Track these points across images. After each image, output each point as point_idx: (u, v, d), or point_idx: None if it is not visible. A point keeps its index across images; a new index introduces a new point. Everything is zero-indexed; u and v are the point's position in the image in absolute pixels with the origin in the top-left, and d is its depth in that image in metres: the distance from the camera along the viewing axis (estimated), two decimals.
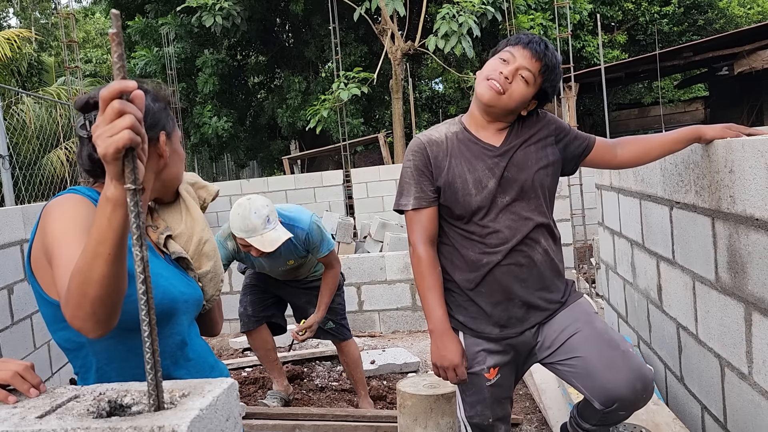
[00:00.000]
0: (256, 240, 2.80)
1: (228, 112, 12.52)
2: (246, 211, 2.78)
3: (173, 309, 1.20)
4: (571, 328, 1.89)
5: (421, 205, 1.88)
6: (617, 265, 3.50)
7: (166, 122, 1.25)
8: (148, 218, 1.34)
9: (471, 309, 1.92)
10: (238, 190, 9.87)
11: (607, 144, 2.02)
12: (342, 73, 9.31)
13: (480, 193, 1.85)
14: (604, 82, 5.17)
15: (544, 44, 1.83)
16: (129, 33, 12.22)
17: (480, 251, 1.87)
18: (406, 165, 1.91)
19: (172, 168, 1.28)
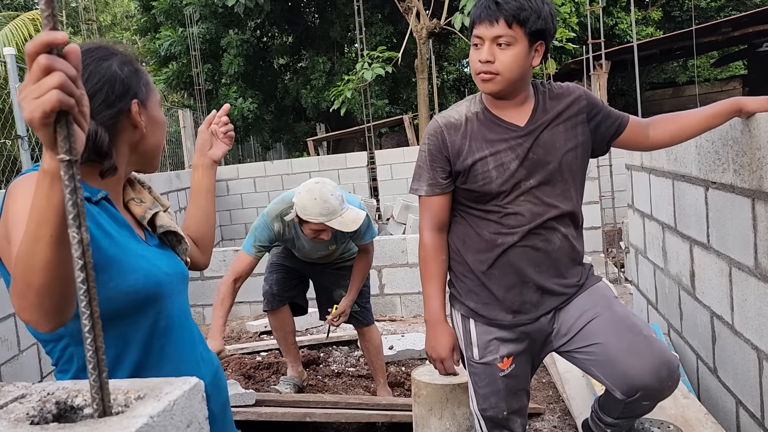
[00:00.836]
0: (336, 222, 2.71)
1: (253, 93, 12.46)
2: (324, 195, 2.69)
3: (158, 293, 1.10)
4: (589, 313, 1.77)
5: (434, 192, 1.79)
6: (647, 250, 3.33)
7: (139, 89, 1.15)
8: (130, 191, 1.24)
9: (482, 294, 1.81)
10: (261, 171, 9.82)
11: (640, 123, 1.86)
12: (366, 53, 9.14)
13: (501, 176, 1.72)
14: (637, 59, 4.93)
15: (494, 1, 1.66)
16: (154, 14, 12.21)
17: (495, 231, 1.76)
18: (422, 148, 1.81)
19: (150, 138, 1.17)
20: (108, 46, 1.16)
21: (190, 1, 11.24)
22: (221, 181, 9.81)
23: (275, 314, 3.31)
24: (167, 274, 1.13)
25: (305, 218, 2.74)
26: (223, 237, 9.86)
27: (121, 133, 1.13)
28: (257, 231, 2.93)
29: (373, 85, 11.88)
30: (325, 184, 2.77)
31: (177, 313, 1.16)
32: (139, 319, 1.09)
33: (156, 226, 1.22)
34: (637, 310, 3.68)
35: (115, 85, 1.10)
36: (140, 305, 1.07)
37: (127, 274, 1.05)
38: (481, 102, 1.80)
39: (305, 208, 2.72)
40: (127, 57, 1.16)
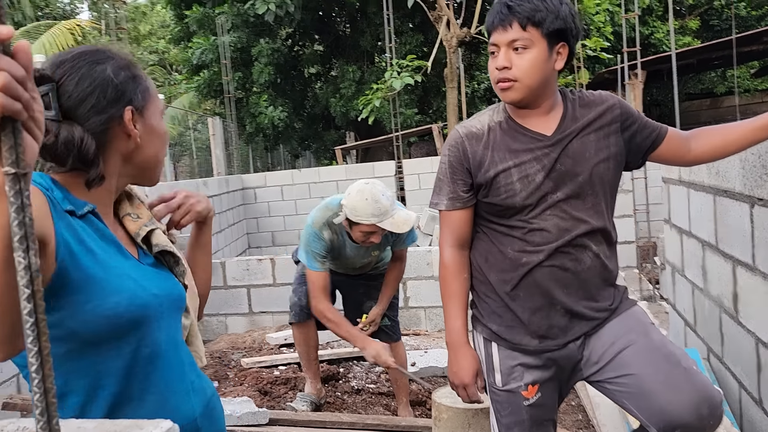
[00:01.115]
0: (388, 222, 2.64)
1: (283, 101, 12.49)
2: (375, 195, 2.64)
3: (143, 317, 1.01)
4: (623, 341, 1.63)
5: (455, 206, 1.69)
6: (685, 268, 3.16)
7: (134, 95, 1.06)
8: (127, 206, 1.16)
9: (506, 316, 1.68)
10: (289, 179, 9.81)
11: (680, 136, 1.72)
12: (395, 62, 9.06)
13: (526, 189, 1.60)
14: (675, 69, 4.75)
15: (505, 5, 1.56)
16: (187, 23, 12.34)
17: (519, 249, 1.64)
18: (442, 160, 1.72)
19: (147, 149, 1.09)
20: (105, 49, 1.08)
21: (222, 11, 11.33)
22: (249, 189, 9.83)
23: (301, 327, 3.22)
24: (156, 296, 1.04)
25: (356, 220, 2.67)
26: (249, 245, 9.86)
27: (112, 142, 1.04)
28: (311, 245, 2.86)
29: (402, 94, 11.80)
30: (375, 185, 2.71)
31: (165, 338, 1.06)
32: (121, 345, 0.99)
33: (152, 245, 1.14)
34: (673, 331, 3.50)
35: (107, 89, 1.02)
36: (122, 330, 0.98)
37: (108, 295, 0.96)
38: (504, 111, 1.69)
39: (356, 209, 2.65)
40: (124, 62, 1.08)
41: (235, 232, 9.10)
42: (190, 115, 12.00)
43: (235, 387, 3.38)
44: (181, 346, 1.12)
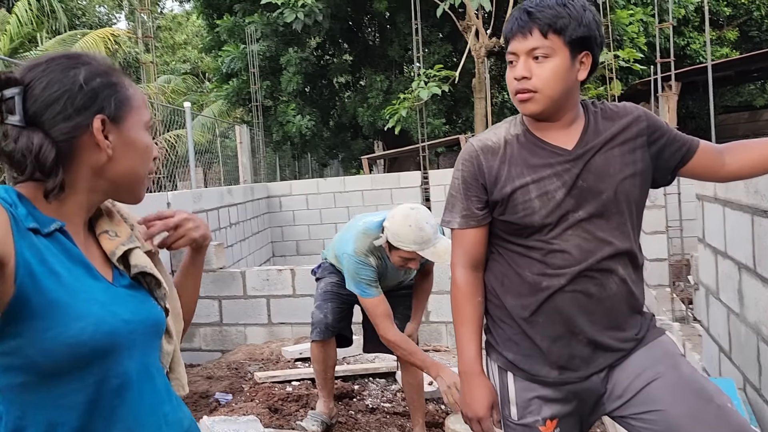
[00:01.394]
0: (429, 252, 2.58)
1: (311, 110, 12.51)
2: (420, 222, 2.58)
3: (110, 345, 0.92)
4: (650, 373, 1.50)
5: (469, 225, 1.58)
6: (720, 291, 2.98)
7: (107, 104, 0.98)
8: (106, 223, 1.07)
9: (524, 344, 1.56)
10: (314, 189, 9.78)
11: (713, 150, 1.58)
12: (422, 71, 8.98)
13: (546, 206, 1.48)
14: (711, 80, 4.57)
15: (525, 11, 1.45)
16: (218, 32, 12.46)
17: (539, 272, 1.51)
18: (455, 175, 1.61)
19: (122, 163, 1.01)
20: (81, 55, 1.01)
21: (252, 20, 11.40)
22: (274, 197, 9.82)
23: (323, 346, 3.12)
24: (127, 322, 0.95)
25: (398, 245, 2.61)
26: (274, 253, 9.84)
27: (79, 152, 0.96)
28: (360, 273, 2.77)
29: (430, 104, 11.70)
30: (420, 211, 2.63)
31: (137, 367, 0.97)
32: (84, 376, 0.91)
33: (130, 266, 1.05)
34: (707, 356, 3.31)
35: (76, 96, 0.95)
36: (85, 359, 0.89)
37: (72, 321, 0.88)
38: (522, 123, 1.57)
39: (398, 234, 2.59)
40: (102, 68, 1.00)
41: (260, 240, 9.09)
42: (218, 123, 12.07)
43: (245, 403, 3.30)
44: (157, 374, 1.03)
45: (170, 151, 10.44)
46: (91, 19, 17.60)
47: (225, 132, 12.42)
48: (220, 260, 5.32)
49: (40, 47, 11.26)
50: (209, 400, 3.64)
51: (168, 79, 15.99)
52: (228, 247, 7.36)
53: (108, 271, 1.01)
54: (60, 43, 11.08)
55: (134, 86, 1.05)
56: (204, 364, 4.75)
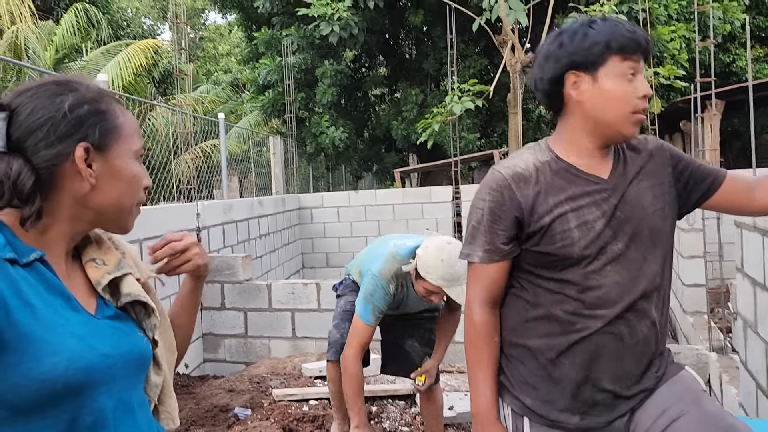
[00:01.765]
0: (455, 291, 2.51)
1: (345, 122, 12.56)
2: (452, 260, 2.49)
3: (86, 381, 0.88)
4: (674, 411, 1.41)
5: (492, 260, 1.47)
6: (758, 324, 2.83)
7: (92, 132, 0.95)
8: (94, 250, 1.04)
9: (544, 388, 1.46)
10: (346, 201, 9.79)
11: (741, 183, 1.49)
12: (456, 86, 8.91)
13: (585, 237, 1.40)
14: (752, 99, 4.40)
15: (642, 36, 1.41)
16: (256, 44, 12.63)
17: (573, 311, 1.42)
18: (479, 205, 1.48)
19: (106, 193, 0.98)
20: (71, 81, 0.99)
21: (289, 33, 11.53)
22: (306, 209, 9.86)
23: (339, 366, 3.08)
24: (106, 356, 0.91)
25: (425, 276, 2.54)
26: (304, 265, 9.86)
27: (61, 180, 0.94)
28: (375, 298, 2.72)
29: (465, 119, 11.61)
30: (455, 248, 2.53)
31: (115, 404, 0.93)
32: (56, 413, 0.87)
33: (121, 294, 1.02)
34: (743, 392, 3.14)
35: (60, 123, 0.93)
36: (58, 396, 0.86)
37: (45, 356, 0.84)
38: (549, 150, 1.49)
39: (428, 266, 2.51)
40: (90, 95, 0.98)
41: (290, 251, 9.12)
42: (252, 134, 12.21)
43: (260, 421, 3.26)
44: (139, 410, 0.99)
45: (206, 160, 10.60)
46: (135, 30, 18.07)
47: (261, 142, 12.56)
48: (247, 272, 5.33)
49: (85, 58, 11.58)
50: (228, 414, 3.61)
51: (206, 89, 16.27)
52: (257, 258, 7.39)
53: (92, 302, 0.98)
54: (104, 53, 11.38)
55: (126, 114, 1.02)
56: (227, 376, 4.75)
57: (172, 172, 8.53)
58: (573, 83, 1.42)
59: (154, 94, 12.94)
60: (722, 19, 11.80)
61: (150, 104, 9.45)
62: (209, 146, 10.50)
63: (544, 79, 1.46)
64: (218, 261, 5.29)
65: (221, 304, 5.29)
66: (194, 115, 8.97)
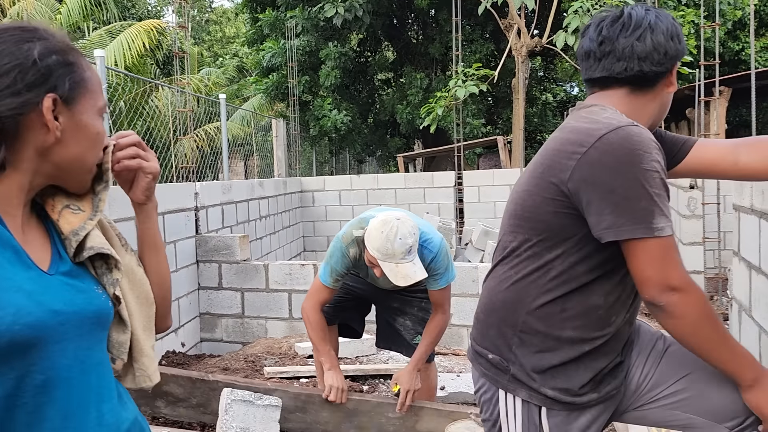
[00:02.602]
0: (389, 267, 2.51)
1: (348, 105, 12.49)
2: (392, 234, 2.48)
3: (34, 338, 0.85)
4: (655, 354, 1.47)
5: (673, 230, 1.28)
6: (753, 308, 2.80)
7: (61, 83, 0.92)
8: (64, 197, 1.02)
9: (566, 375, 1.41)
10: (347, 185, 9.76)
11: (715, 146, 1.46)
12: (461, 70, 8.84)
13: None
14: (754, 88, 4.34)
15: None
16: (260, 26, 12.56)
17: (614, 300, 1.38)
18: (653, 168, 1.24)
19: (70, 147, 0.95)
20: (38, 28, 0.96)
21: (293, 14, 11.45)
22: (307, 192, 9.84)
23: None
24: (57, 312, 0.89)
25: (366, 244, 2.57)
26: (305, 248, 9.86)
27: (25, 131, 0.91)
28: (332, 259, 2.72)
29: (469, 104, 11.53)
30: (403, 225, 2.51)
31: (70, 363, 0.91)
32: (3, 370, 0.84)
33: (84, 248, 0.99)
34: None
35: (28, 71, 0.90)
36: (3, 353, 0.83)
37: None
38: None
39: (370, 236, 2.54)
40: (59, 45, 0.95)
41: (290, 234, 9.11)
42: (255, 116, 12.16)
43: None
44: (96, 369, 0.96)
45: (209, 144, 10.57)
46: (141, 10, 17.97)
47: (266, 126, 12.53)
48: (245, 252, 5.32)
49: (87, 37, 11.54)
50: None
51: (209, 71, 16.21)
52: (257, 240, 7.39)
53: (46, 257, 0.95)
54: (106, 33, 11.31)
55: (92, 68, 1.00)
56: (223, 356, 4.76)
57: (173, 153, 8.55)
58: (670, 81, 1.42)
59: (158, 76, 12.88)
60: (732, 5, 11.64)
61: (152, 84, 9.41)
62: (213, 129, 10.46)
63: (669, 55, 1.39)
64: (216, 240, 5.29)
65: (218, 284, 5.29)
66: (195, 95, 8.94)
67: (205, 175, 8.73)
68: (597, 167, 1.24)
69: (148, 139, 9.22)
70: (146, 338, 1.09)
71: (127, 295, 1.07)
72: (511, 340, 1.40)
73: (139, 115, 9.15)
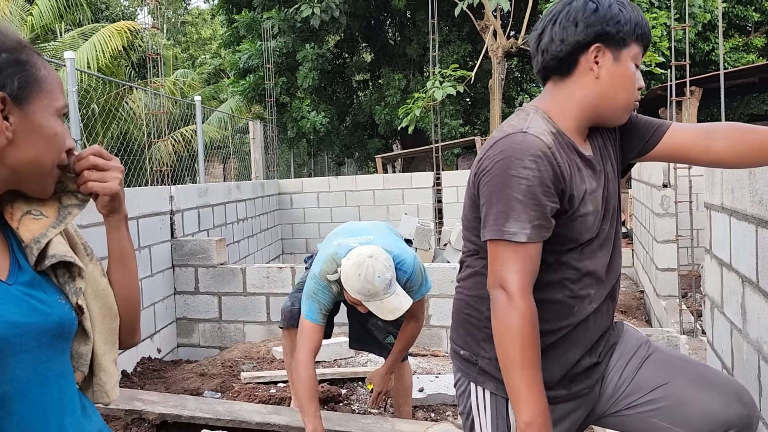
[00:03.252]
0: (375, 305, 2.48)
1: (326, 107, 12.45)
2: (369, 275, 2.45)
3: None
4: (636, 360, 1.47)
5: (541, 237, 1.29)
6: (724, 305, 2.84)
7: (10, 81, 0.90)
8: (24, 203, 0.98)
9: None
10: (326, 187, 9.73)
11: (689, 130, 1.42)
12: (438, 71, 8.87)
13: (594, 220, 1.37)
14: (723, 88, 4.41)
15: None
16: (237, 27, 12.46)
17: (572, 294, 1.39)
18: (520, 174, 1.28)
19: (24, 149, 0.92)
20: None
21: (270, 15, 11.38)
22: (285, 194, 9.78)
23: (290, 335, 3.03)
24: (15, 324, 0.86)
25: (345, 287, 2.53)
26: (284, 250, 9.80)
27: None
28: (318, 295, 2.64)
29: (447, 105, 11.57)
30: (377, 263, 2.47)
31: (27, 376, 0.88)
32: None
33: (46, 256, 0.96)
34: None
35: None
36: None
37: None
38: (550, 120, 1.37)
39: (348, 280, 2.49)
40: (9, 44, 0.92)
41: (269, 237, 9.05)
42: (232, 119, 12.07)
43: None
44: (58, 382, 0.93)
45: (186, 146, 10.45)
46: (114, 12, 17.72)
47: (244, 128, 12.43)
48: (221, 256, 5.27)
49: (59, 39, 11.35)
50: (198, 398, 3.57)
51: (184, 73, 16.05)
52: (234, 243, 7.32)
53: (4, 266, 0.92)
54: (79, 35, 11.14)
55: (48, 68, 0.97)
56: (200, 361, 4.70)
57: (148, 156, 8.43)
58: (595, 56, 1.34)
59: (133, 78, 12.71)
60: (701, 8, 11.84)
61: (126, 86, 9.29)
62: (189, 132, 10.35)
63: (566, 41, 1.34)
64: (192, 244, 5.23)
65: (195, 288, 5.23)
66: (170, 98, 8.83)
67: (183, 178, 8.63)
68: (482, 173, 1.34)
69: (123, 143, 9.10)
70: (107, 352, 1.05)
71: (91, 306, 1.03)
72: (477, 335, 1.44)
73: (112, 118, 9.02)
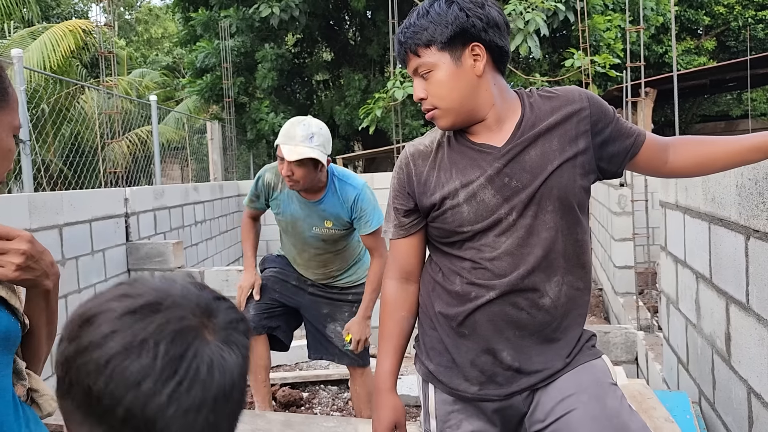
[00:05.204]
0: (288, 148, 2.62)
1: (286, 108, 12.32)
2: (296, 121, 2.70)
3: None
4: (572, 401, 1.37)
5: (399, 235, 1.53)
6: (680, 301, 2.90)
7: None
8: None
9: (446, 355, 1.46)
10: None
11: (657, 144, 1.46)
12: (398, 71, 8.87)
13: (475, 212, 1.37)
14: (676, 89, 4.52)
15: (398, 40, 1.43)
16: (193, 25, 12.23)
17: (469, 281, 1.40)
18: (392, 182, 1.55)
19: None
20: None
21: (227, 14, 11.21)
22: (244, 196, 9.64)
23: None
24: None
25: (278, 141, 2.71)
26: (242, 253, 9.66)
27: None
28: (253, 186, 3.07)
29: (408, 105, 11.58)
30: (308, 120, 2.71)
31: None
32: None
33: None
34: (666, 368, 3.23)
35: None
36: None
37: None
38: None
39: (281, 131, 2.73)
40: None
41: (228, 239, 8.90)
42: (190, 119, 11.84)
43: None
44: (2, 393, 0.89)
45: (142, 147, 10.19)
46: (66, 10, 17.23)
47: (202, 128, 12.21)
48: (179, 259, 5.15)
49: (8, 38, 10.95)
50: None
51: (142, 73, 15.69)
52: (192, 246, 7.17)
53: None
54: (29, 34, 10.77)
55: (11, 86, 0.94)
56: None
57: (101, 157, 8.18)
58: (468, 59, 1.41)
59: (86, 77, 12.35)
60: (654, 11, 12.16)
61: (79, 85, 9.02)
62: (145, 132, 10.10)
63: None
64: (148, 248, 5.10)
65: None
66: (124, 97, 8.62)
67: (139, 180, 8.42)
68: None
69: (75, 143, 8.83)
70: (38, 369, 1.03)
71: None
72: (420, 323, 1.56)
73: (63, 118, 8.75)
